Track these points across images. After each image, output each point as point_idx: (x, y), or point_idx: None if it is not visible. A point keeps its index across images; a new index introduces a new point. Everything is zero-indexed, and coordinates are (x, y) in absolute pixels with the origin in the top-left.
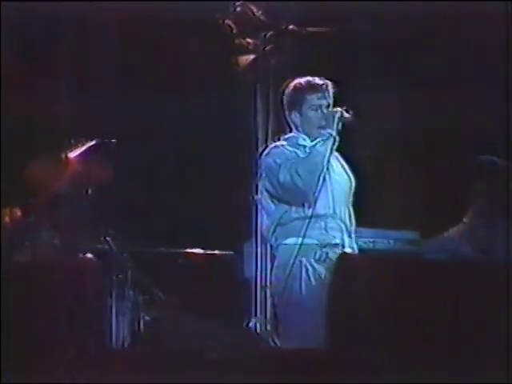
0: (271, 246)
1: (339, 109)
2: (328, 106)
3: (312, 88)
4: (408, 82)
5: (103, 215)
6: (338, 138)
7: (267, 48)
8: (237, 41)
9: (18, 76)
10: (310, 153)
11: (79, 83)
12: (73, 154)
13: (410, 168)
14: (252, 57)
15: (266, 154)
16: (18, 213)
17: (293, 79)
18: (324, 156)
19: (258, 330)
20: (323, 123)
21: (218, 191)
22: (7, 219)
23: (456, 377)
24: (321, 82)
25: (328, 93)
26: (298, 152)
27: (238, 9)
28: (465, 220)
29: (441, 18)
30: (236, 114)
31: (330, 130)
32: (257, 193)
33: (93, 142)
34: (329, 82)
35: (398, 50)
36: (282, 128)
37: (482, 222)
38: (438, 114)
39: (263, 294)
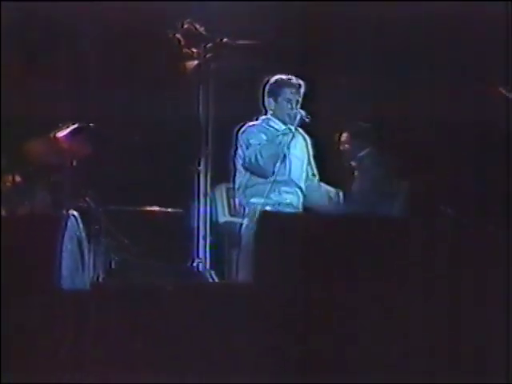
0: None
1: (302, 112)
2: (297, 101)
3: (289, 84)
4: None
5: (84, 181)
6: (295, 133)
7: (208, 56)
8: (184, 50)
9: (17, 75)
10: (272, 140)
11: (67, 82)
12: (60, 134)
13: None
14: (196, 62)
15: (243, 132)
16: (19, 178)
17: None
18: (283, 145)
19: (200, 268)
20: (289, 117)
21: (172, 163)
22: (11, 183)
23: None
24: (297, 81)
25: (300, 90)
26: (268, 133)
27: (185, 26)
28: (354, 183)
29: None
30: (185, 104)
31: (290, 126)
32: (199, 165)
33: (75, 126)
34: (302, 82)
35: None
36: (218, 116)
37: (366, 183)
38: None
39: (203, 242)
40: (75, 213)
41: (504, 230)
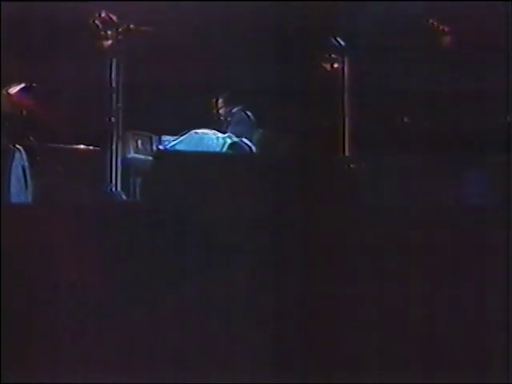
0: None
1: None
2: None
3: None
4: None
5: (30, 125)
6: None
7: (119, 37)
8: (101, 33)
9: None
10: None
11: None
12: (12, 91)
13: None
14: (110, 42)
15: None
16: None
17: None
18: None
19: (113, 190)
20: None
21: (94, 114)
22: None
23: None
24: None
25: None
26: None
27: (102, 15)
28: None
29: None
30: (101, 74)
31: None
32: (113, 116)
33: (23, 85)
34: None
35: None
36: (127, 82)
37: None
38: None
39: (115, 171)
40: (21, 147)
41: None
